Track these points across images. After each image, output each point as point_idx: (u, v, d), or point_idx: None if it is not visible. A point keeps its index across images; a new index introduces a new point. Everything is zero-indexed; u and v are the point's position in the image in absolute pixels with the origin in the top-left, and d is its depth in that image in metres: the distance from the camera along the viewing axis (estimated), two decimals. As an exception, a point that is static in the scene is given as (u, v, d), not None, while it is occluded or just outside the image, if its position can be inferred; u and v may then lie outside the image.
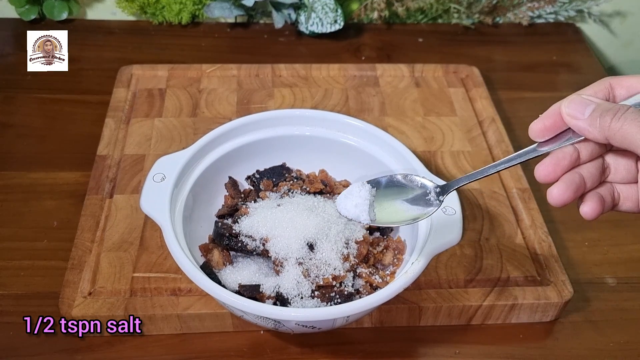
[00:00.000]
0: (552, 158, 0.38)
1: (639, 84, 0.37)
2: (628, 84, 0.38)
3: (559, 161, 0.38)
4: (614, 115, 0.35)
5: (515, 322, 0.57)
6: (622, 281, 0.61)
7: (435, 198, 0.44)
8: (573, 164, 0.38)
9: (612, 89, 0.38)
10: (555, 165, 0.38)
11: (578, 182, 0.38)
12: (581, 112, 0.36)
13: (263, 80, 0.78)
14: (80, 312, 0.53)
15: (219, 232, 0.54)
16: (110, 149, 0.67)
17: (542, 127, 0.38)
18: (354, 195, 0.45)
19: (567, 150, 0.38)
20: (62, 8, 0.88)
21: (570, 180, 0.38)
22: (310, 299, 0.51)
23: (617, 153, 0.39)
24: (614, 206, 0.40)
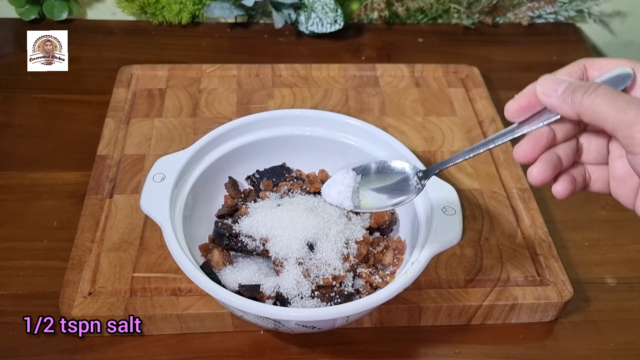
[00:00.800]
0: (529, 139, 0.39)
1: (611, 65, 0.38)
2: (600, 65, 0.39)
3: (537, 141, 0.39)
4: (585, 92, 0.36)
5: (515, 322, 0.57)
6: (622, 281, 0.61)
7: (417, 183, 0.45)
8: (549, 144, 0.39)
9: (585, 70, 0.39)
10: (533, 146, 0.39)
11: (555, 161, 0.39)
12: (554, 90, 0.37)
13: (263, 80, 0.78)
14: (80, 312, 0.53)
15: (219, 232, 0.54)
16: (110, 149, 0.67)
17: (518, 108, 0.39)
18: (338, 182, 0.46)
19: (544, 130, 0.39)
20: (62, 8, 0.88)
21: (549, 159, 0.39)
22: (310, 299, 0.51)
23: (590, 134, 0.40)
24: (585, 187, 0.42)
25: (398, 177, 0.46)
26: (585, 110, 0.36)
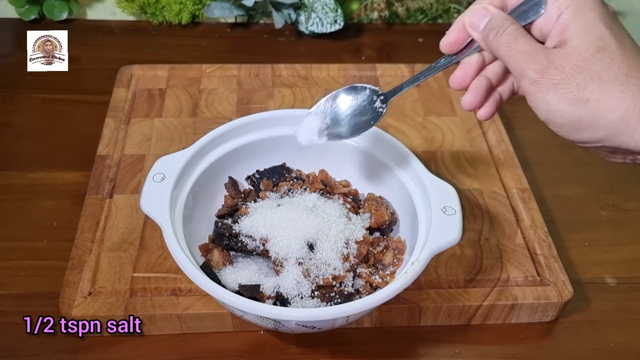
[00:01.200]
0: (460, 68, 0.44)
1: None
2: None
3: (467, 69, 0.43)
4: (495, 34, 0.40)
5: (515, 322, 0.57)
6: (622, 281, 0.61)
7: (380, 106, 0.49)
8: (479, 69, 0.44)
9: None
10: (464, 74, 0.44)
11: (485, 85, 0.44)
12: (478, 25, 0.41)
13: (263, 80, 0.78)
14: (80, 312, 0.53)
15: (219, 232, 0.54)
16: (110, 149, 0.67)
17: (451, 41, 0.43)
18: (306, 123, 0.50)
19: (473, 57, 0.43)
20: (62, 8, 0.88)
21: (478, 86, 0.44)
22: (310, 299, 0.51)
23: None
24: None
25: (364, 103, 0.49)
26: (495, 51, 0.40)
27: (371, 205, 0.57)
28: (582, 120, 0.37)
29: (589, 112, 0.36)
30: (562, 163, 0.73)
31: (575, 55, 0.37)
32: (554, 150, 0.75)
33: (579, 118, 0.37)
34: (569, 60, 0.37)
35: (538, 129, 0.77)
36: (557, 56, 0.37)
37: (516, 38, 0.39)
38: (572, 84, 0.37)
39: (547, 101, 0.37)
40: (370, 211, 0.57)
